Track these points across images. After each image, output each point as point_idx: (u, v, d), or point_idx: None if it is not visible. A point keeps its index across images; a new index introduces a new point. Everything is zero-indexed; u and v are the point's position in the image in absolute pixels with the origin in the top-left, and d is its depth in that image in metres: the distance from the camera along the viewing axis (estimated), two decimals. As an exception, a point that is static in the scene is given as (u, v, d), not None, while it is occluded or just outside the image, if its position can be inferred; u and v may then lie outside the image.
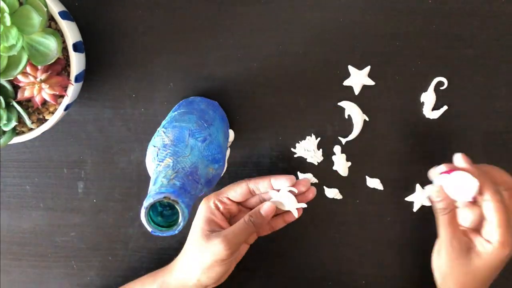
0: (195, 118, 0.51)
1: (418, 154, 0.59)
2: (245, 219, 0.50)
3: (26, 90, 0.49)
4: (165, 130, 0.50)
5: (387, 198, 0.60)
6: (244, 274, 0.62)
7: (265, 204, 0.51)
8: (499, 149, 0.59)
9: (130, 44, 0.58)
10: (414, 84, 0.58)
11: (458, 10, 0.57)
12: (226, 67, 0.58)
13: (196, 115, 0.51)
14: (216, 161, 0.49)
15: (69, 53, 0.50)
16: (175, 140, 0.48)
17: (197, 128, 0.49)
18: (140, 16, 0.57)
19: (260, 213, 0.51)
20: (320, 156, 0.59)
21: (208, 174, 0.48)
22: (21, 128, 0.52)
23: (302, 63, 0.58)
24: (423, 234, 0.60)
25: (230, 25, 0.57)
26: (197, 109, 0.53)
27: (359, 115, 0.58)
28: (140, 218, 0.42)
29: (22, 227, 0.61)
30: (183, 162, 0.46)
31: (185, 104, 0.55)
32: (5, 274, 0.62)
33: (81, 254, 0.62)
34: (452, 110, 0.58)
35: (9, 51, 0.44)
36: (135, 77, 0.58)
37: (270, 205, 0.51)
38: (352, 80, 0.58)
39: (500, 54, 0.57)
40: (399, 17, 0.57)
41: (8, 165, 0.60)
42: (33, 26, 0.44)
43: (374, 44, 0.57)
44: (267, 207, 0.51)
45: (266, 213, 0.51)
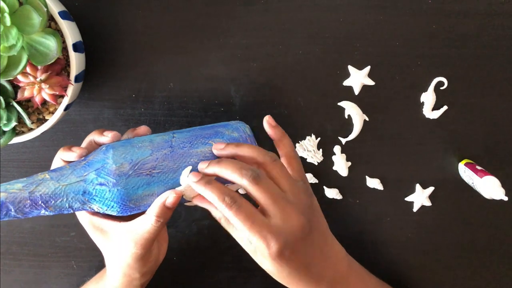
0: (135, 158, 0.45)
1: (418, 154, 0.59)
2: (153, 223, 0.44)
3: (26, 90, 0.49)
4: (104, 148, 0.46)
5: (387, 198, 0.60)
6: (244, 274, 0.62)
7: (165, 194, 0.44)
8: (499, 149, 0.59)
9: (130, 44, 0.58)
10: (414, 84, 0.58)
11: (458, 10, 0.57)
12: (226, 67, 0.58)
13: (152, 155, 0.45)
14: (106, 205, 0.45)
15: (69, 53, 0.50)
16: (85, 164, 0.45)
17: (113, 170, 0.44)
18: (140, 16, 0.57)
19: (166, 206, 0.44)
20: (320, 156, 0.59)
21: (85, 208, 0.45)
22: (21, 128, 0.52)
23: (302, 63, 0.58)
24: (423, 234, 0.60)
25: (230, 25, 0.57)
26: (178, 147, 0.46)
27: (359, 115, 0.58)
28: None
29: (22, 227, 0.61)
30: (45, 187, 0.43)
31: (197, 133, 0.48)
32: (5, 274, 0.62)
33: (81, 254, 0.62)
34: (452, 110, 0.58)
35: (9, 51, 0.44)
36: (135, 77, 0.58)
37: (174, 195, 0.44)
38: (352, 80, 0.58)
39: (500, 54, 0.57)
40: (399, 17, 0.57)
41: (8, 165, 0.60)
42: (33, 26, 0.44)
43: (374, 44, 0.57)
44: (171, 198, 0.44)
45: (174, 205, 0.44)
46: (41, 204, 0.43)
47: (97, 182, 0.44)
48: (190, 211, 0.61)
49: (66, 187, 0.44)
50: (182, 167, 0.46)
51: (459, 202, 0.60)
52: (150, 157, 0.45)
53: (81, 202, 0.45)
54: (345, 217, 0.61)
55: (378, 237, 0.61)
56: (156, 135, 0.48)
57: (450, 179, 0.59)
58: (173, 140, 0.47)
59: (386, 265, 0.61)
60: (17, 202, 0.43)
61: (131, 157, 0.45)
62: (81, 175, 0.45)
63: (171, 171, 0.45)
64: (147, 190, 0.45)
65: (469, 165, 0.57)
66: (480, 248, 0.61)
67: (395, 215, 0.60)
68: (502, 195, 0.51)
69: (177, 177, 0.45)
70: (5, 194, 0.43)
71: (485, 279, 0.61)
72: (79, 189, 0.44)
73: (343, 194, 0.60)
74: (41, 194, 0.43)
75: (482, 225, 0.60)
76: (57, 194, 0.44)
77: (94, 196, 0.44)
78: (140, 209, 0.46)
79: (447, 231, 0.61)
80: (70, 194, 0.44)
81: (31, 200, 0.43)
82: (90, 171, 0.45)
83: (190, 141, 0.47)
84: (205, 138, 0.47)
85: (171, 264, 0.61)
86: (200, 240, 0.61)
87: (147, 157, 0.45)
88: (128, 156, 0.45)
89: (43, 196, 0.43)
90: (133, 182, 0.44)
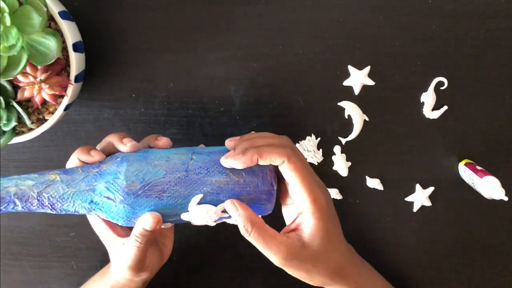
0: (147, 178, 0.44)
1: (418, 154, 0.59)
2: (136, 244, 0.45)
3: (26, 90, 0.49)
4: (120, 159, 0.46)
5: (387, 198, 0.60)
6: (244, 274, 0.62)
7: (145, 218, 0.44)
8: (499, 149, 0.59)
9: (130, 44, 0.57)
10: (414, 84, 0.58)
11: (458, 10, 0.57)
12: (226, 67, 0.58)
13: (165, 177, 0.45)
14: (112, 217, 0.45)
15: (69, 53, 0.50)
16: (98, 172, 0.45)
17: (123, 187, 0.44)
18: (140, 16, 0.57)
19: (146, 231, 0.44)
20: (320, 156, 0.59)
21: (88, 214, 0.46)
22: (21, 128, 0.52)
23: (302, 63, 0.58)
24: (423, 234, 0.60)
25: (230, 25, 0.57)
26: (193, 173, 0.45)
27: (359, 115, 0.58)
28: None
29: (22, 227, 0.61)
30: (54, 190, 0.44)
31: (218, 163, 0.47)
32: (5, 274, 0.62)
33: (81, 254, 0.62)
34: (452, 110, 0.58)
35: (9, 51, 0.44)
36: (135, 77, 0.58)
37: (151, 219, 0.44)
38: (352, 80, 0.58)
39: (500, 54, 0.57)
40: (399, 17, 0.57)
41: (8, 165, 0.60)
42: (33, 26, 0.44)
43: (374, 44, 0.57)
44: (149, 221, 0.44)
45: (153, 228, 0.44)
46: (48, 205, 0.44)
47: (105, 195, 0.44)
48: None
49: (74, 194, 0.44)
50: (193, 195, 0.45)
51: (459, 202, 0.60)
52: (163, 179, 0.44)
53: (87, 210, 0.45)
54: (345, 217, 0.61)
55: (378, 237, 0.61)
56: (175, 151, 0.47)
57: (450, 179, 0.59)
58: (190, 163, 0.46)
59: (386, 265, 0.61)
60: (25, 199, 0.43)
61: (144, 176, 0.44)
62: (91, 184, 0.45)
63: (181, 197, 0.45)
64: (154, 210, 0.45)
65: (469, 165, 0.57)
66: (480, 248, 0.61)
67: (395, 215, 0.60)
68: (502, 195, 0.51)
69: (186, 203, 0.45)
70: (15, 189, 0.43)
71: (485, 279, 0.61)
72: (87, 197, 0.45)
73: (343, 194, 0.60)
74: (49, 196, 0.44)
75: (482, 225, 0.60)
76: (64, 198, 0.44)
77: (100, 207, 0.45)
78: None
79: (447, 231, 0.61)
80: (77, 200, 0.44)
81: (38, 200, 0.44)
82: (100, 182, 0.44)
83: (207, 168, 0.46)
84: (223, 167, 0.46)
85: (171, 264, 0.61)
86: (200, 240, 0.61)
87: (159, 179, 0.44)
88: (141, 175, 0.44)
89: (50, 198, 0.44)
90: (141, 202, 0.44)
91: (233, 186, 0.46)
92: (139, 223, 0.44)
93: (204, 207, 0.45)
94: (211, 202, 0.45)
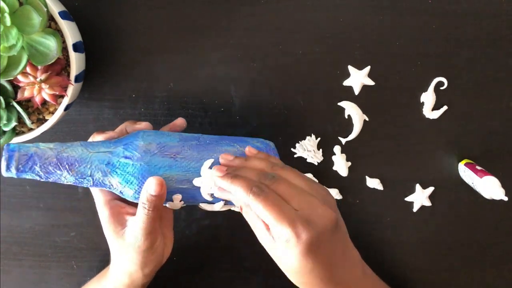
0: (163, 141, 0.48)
1: (418, 154, 0.59)
2: (144, 212, 0.45)
3: (26, 90, 0.49)
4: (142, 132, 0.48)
5: (387, 198, 0.60)
6: (244, 274, 0.62)
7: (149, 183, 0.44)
8: (499, 149, 0.59)
9: (130, 44, 0.57)
10: (414, 84, 0.58)
11: (458, 10, 0.57)
12: (226, 67, 0.58)
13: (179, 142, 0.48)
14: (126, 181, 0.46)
15: (69, 53, 0.50)
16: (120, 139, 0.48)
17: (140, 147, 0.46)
18: (140, 16, 0.57)
19: (152, 196, 0.44)
20: (320, 156, 0.59)
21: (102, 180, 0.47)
22: (21, 128, 0.52)
23: (302, 63, 0.58)
24: (423, 234, 0.60)
25: (230, 25, 0.57)
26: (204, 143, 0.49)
27: (359, 115, 0.58)
28: None
29: (22, 227, 0.61)
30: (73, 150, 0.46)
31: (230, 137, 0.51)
32: (5, 274, 0.62)
33: (81, 254, 0.62)
34: (452, 110, 0.58)
35: (9, 51, 0.44)
36: (135, 77, 0.58)
37: (155, 181, 0.44)
38: (352, 80, 0.58)
39: (499, 54, 0.57)
40: (399, 17, 0.57)
41: (8, 165, 0.60)
42: (33, 26, 0.44)
43: (374, 44, 0.57)
44: (153, 184, 0.44)
45: (157, 192, 0.44)
46: (66, 165, 0.45)
47: (123, 155, 0.46)
48: (190, 211, 0.61)
49: (92, 155, 0.46)
50: (205, 159, 0.48)
51: (459, 202, 0.60)
52: (178, 143, 0.48)
53: (103, 173, 0.46)
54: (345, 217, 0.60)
55: (378, 237, 0.61)
56: (185, 133, 0.50)
57: (450, 179, 0.59)
58: (200, 137, 0.50)
59: (386, 265, 0.61)
60: (44, 158, 0.45)
61: (160, 139, 0.48)
62: (109, 147, 0.47)
63: (194, 160, 0.47)
64: (168, 172, 0.46)
65: (469, 165, 0.57)
66: (480, 248, 0.61)
67: (395, 215, 0.60)
68: (502, 195, 0.51)
69: (199, 167, 0.47)
70: (35, 148, 0.45)
71: (485, 279, 0.61)
72: (104, 159, 0.46)
73: (343, 194, 0.60)
74: (68, 155, 0.45)
75: (482, 225, 0.60)
76: (83, 158, 0.46)
77: (117, 169, 0.46)
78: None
79: (447, 231, 0.61)
80: (95, 161, 0.46)
81: (57, 159, 0.45)
82: (119, 145, 0.47)
83: (216, 140, 0.50)
84: (231, 141, 0.50)
85: (171, 264, 0.61)
86: (200, 240, 0.61)
87: (174, 143, 0.48)
88: (157, 139, 0.48)
89: (69, 157, 0.45)
90: (157, 161, 0.46)
91: (241, 154, 0.49)
92: (144, 190, 0.45)
93: (216, 172, 0.47)
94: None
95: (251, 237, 0.61)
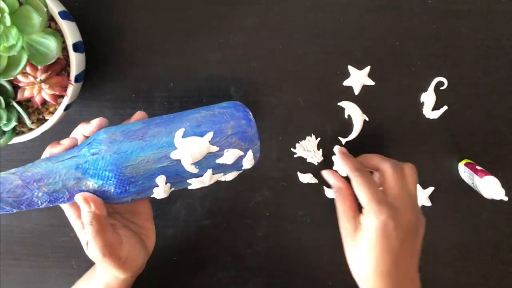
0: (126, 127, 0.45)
1: (418, 154, 0.59)
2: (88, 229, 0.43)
3: (26, 90, 0.49)
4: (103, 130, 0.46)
5: (387, 198, 0.60)
6: (244, 274, 0.62)
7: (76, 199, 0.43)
8: (499, 149, 0.59)
9: (130, 44, 0.58)
10: (414, 84, 0.58)
11: (458, 10, 0.57)
12: (226, 67, 0.58)
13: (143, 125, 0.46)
14: (101, 178, 0.43)
15: (69, 53, 0.50)
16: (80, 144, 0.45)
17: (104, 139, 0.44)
18: (140, 16, 0.57)
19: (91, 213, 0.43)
20: (320, 156, 0.59)
21: (80, 187, 0.43)
22: (21, 128, 0.52)
23: (302, 63, 0.58)
24: (423, 234, 0.60)
25: (230, 25, 0.57)
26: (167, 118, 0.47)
27: (359, 115, 0.58)
28: None
29: (22, 227, 0.61)
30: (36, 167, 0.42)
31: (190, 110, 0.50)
32: (5, 274, 0.62)
33: (81, 254, 0.61)
34: (452, 110, 0.58)
35: (9, 51, 0.44)
36: (135, 77, 0.58)
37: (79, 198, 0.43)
38: (352, 80, 0.58)
39: (499, 54, 0.57)
40: (399, 17, 0.57)
41: (8, 165, 0.60)
42: (33, 26, 0.44)
43: (374, 44, 0.57)
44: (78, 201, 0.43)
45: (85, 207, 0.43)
46: (33, 183, 0.42)
47: (90, 153, 0.43)
48: (190, 211, 0.61)
49: (58, 164, 0.43)
50: (175, 130, 0.45)
51: (459, 202, 0.60)
52: (142, 125, 0.45)
53: (75, 179, 0.43)
54: (345, 217, 0.61)
55: (378, 237, 0.61)
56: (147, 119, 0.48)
57: (450, 179, 0.59)
58: (163, 116, 0.47)
59: (386, 265, 0.61)
60: (8, 183, 0.41)
61: (123, 128, 0.45)
62: (73, 153, 0.44)
63: (164, 135, 0.45)
64: (141, 154, 0.44)
65: (469, 165, 0.57)
66: (480, 248, 0.61)
67: (395, 215, 0.60)
68: (502, 195, 0.51)
69: (171, 140, 0.45)
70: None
71: (485, 279, 0.61)
72: (71, 164, 0.43)
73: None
74: (33, 173, 0.42)
75: (482, 225, 0.60)
76: (49, 171, 0.43)
77: (88, 169, 0.43)
78: (138, 184, 0.44)
79: (447, 231, 0.61)
80: (63, 170, 0.43)
81: (22, 180, 0.42)
82: (82, 147, 0.44)
83: (180, 114, 0.48)
84: (194, 110, 0.48)
85: (171, 264, 0.61)
86: (200, 240, 0.61)
87: (138, 127, 0.45)
88: (119, 128, 0.45)
89: (35, 174, 0.42)
90: (126, 146, 0.44)
91: (210, 117, 0.47)
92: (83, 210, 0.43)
93: (191, 139, 0.45)
94: (195, 135, 0.46)
95: (251, 237, 0.61)
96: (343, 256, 0.62)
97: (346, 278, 0.62)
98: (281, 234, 0.61)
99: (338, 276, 0.62)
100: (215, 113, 0.47)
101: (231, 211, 0.61)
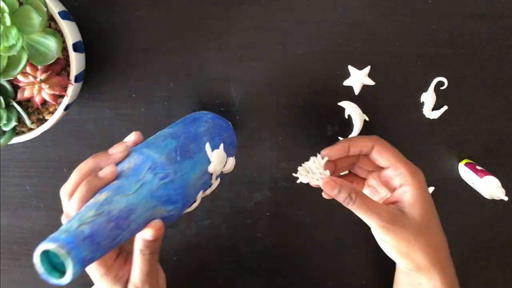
0: (172, 147, 0.43)
1: (418, 154, 0.59)
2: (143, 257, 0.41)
3: (26, 90, 0.49)
4: (133, 153, 0.42)
5: (387, 198, 0.60)
6: (244, 274, 0.62)
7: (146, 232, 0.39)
8: (499, 149, 0.59)
9: (130, 44, 0.57)
10: (414, 84, 0.58)
11: (458, 10, 0.57)
12: (226, 67, 0.58)
13: (178, 142, 0.43)
14: (172, 203, 0.40)
15: (69, 53, 0.50)
16: (131, 171, 0.40)
17: (165, 161, 0.41)
18: (140, 16, 0.57)
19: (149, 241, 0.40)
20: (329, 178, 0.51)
21: (153, 216, 0.39)
22: (21, 128, 0.52)
23: (302, 63, 0.58)
24: (423, 234, 0.60)
25: (230, 25, 0.57)
26: (188, 133, 0.46)
27: (359, 115, 0.58)
28: None
29: (22, 227, 0.61)
30: (116, 203, 0.36)
31: (184, 122, 0.49)
32: (5, 274, 0.62)
33: (81, 254, 0.62)
34: (452, 110, 0.58)
35: (9, 51, 0.44)
36: (135, 77, 0.58)
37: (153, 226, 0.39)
38: (352, 80, 0.58)
39: (500, 54, 0.57)
40: (399, 17, 0.57)
41: (8, 165, 0.60)
42: (33, 26, 0.44)
43: (374, 44, 0.57)
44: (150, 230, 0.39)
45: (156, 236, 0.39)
46: (123, 224, 0.36)
47: (159, 178, 0.39)
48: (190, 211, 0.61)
49: (132, 196, 0.37)
50: (202, 144, 0.46)
51: (459, 202, 0.60)
52: (178, 143, 0.43)
53: (151, 208, 0.39)
54: (345, 217, 0.61)
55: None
56: (154, 137, 0.46)
57: (450, 179, 0.59)
58: (176, 132, 0.46)
59: (386, 265, 0.61)
60: (102, 228, 0.34)
61: (165, 147, 0.42)
62: (137, 180, 0.39)
63: (199, 151, 0.45)
64: (194, 173, 0.43)
65: (469, 165, 0.57)
66: (480, 248, 0.61)
67: (395, 215, 0.60)
68: (502, 195, 0.51)
69: (205, 154, 0.45)
70: (86, 225, 0.34)
71: (485, 279, 0.61)
72: (145, 193, 0.38)
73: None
74: (118, 210, 0.36)
75: (482, 225, 0.60)
76: (130, 204, 0.37)
77: (161, 196, 0.39)
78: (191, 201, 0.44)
79: (447, 231, 0.60)
80: (142, 201, 0.38)
81: (114, 221, 0.35)
82: (143, 172, 0.39)
83: (188, 126, 0.48)
84: (194, 122, 0.49)
85: (171, 264, 0.61)
86: (200, 240, 0.61)
87: (176, 145, 0.43)
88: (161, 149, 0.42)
89: (121, 211, 0.36)
90: (185, 167, 0.42)
91: (213, 129, 0.48)
92: (139, 237, 0.40)
93: (217, 152, 0.46)
94: (213, 148, 0.47)
95: (251, 237, 0.61)
96: (343, 256, 0.62)
97: (346, 279, 0.62)
98: (281, 234, 0.61)
99: (338, 276, 0.62)
100: (211, 125, 0.49)
101: (231, 211, 0.61)
